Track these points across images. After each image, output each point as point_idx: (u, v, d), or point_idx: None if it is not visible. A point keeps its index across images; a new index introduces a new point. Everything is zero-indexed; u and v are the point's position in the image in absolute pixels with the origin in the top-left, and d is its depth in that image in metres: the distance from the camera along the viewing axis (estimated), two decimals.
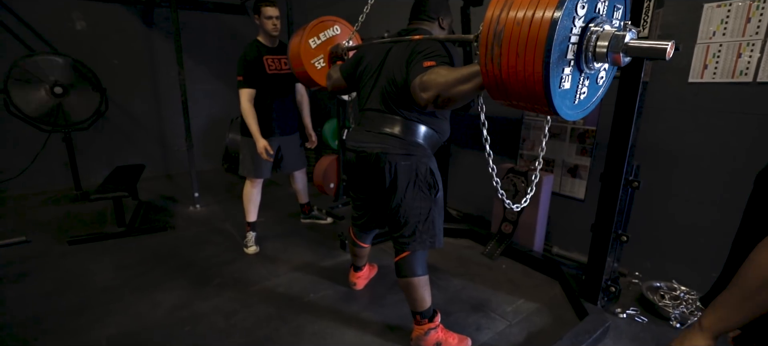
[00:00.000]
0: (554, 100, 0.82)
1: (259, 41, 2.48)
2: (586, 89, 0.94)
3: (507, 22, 0.81)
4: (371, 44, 1.61)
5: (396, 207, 1.52)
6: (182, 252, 2.61)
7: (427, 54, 1.31)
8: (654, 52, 0.79)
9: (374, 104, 1.54)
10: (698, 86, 1.97)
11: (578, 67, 0.86)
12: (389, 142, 1.47)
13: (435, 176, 1.53)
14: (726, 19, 1.85)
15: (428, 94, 1.18)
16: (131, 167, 3.44)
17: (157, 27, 4.23)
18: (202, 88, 4.54)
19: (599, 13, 0.84)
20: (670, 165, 2.11)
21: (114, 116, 4.13)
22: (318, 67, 1.98)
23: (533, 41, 0.77)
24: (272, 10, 2.39)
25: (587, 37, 0.83)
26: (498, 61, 0.84)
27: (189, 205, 3.48)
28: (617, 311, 1.95)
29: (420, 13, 1.57)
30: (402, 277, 1.60)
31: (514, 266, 2.44)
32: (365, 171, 1.55)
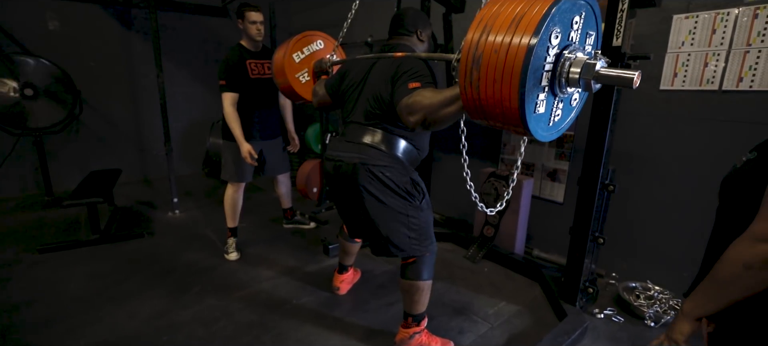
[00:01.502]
0: (529, 123, 0.87)
1: (242, 46, 2.45)
2: (561, 111, 0.99)
3: (485, 48, 0.85)
4: (355, 60, 1.63)
5: (375, 221, 1.51)
6: (160, 259, 2.54)
7: (412, 75, 1.33)
8: (622, 81, 0.84)
9: (357, 117, 1.54)
10: (669, 93, 2.06)
11: (552, 92, 0.90)
12: (368, 152, 1.47)
13: (417, 185, 1.54)
14: (693, 30, 1.94)
15: (415, 117, 1.22)
16: (107, 172, 3.34)
17: (135, 29, 4.13)
18: (181, 91, 4.45)
19: (572, 40, 0.89)
20: (643, 169, 2.19)
21: (89, 120, 4.00)
22: (302, 82, 1.99)
23: (510, 68, 0.81)
24: (256, 15, 2.37)
25: (561, 63, 0.87)
26: (477, 85, 0.88)
27: (168, 210, 3.39)
28: (595, 312, 2.00)
29: (399, 28, 1.60)
30: (407, 279, 1.60)
31: (495, 269, 2.48)
32: (343, 183, 1.54)
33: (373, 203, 1.48)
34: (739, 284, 0.70)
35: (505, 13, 0.85)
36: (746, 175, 0.77)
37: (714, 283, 0.75)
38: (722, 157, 2.10)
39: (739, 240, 0.70)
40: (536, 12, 0.80)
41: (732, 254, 0.71)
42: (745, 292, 0.70)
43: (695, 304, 0.80)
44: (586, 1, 0.89)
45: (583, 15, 0.89)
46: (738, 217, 0.76)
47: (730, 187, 0.83)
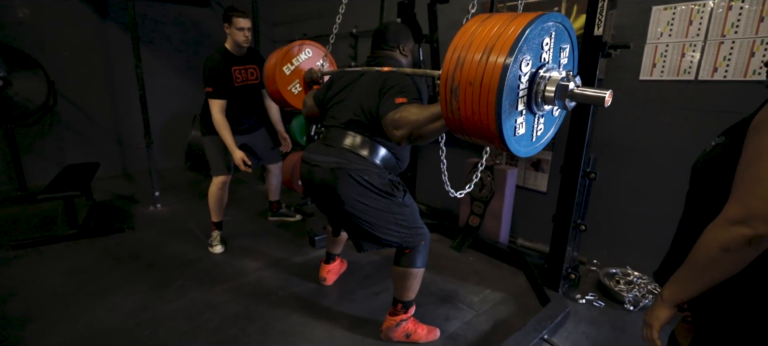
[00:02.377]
0: (511, 146, 0.90)
1: (227, 50, 2.38)
2: (543, 125, 1.02)
3: (461, 81, 0.88)
4: (343, 71, 1.66)
5: (357, 222, 1.51)
6: (142, 254, 2.48)
7: (398, 90, 1.36)
8: (595, 100, 0.89)
9: (338, 122, 1.55)
10: (648, 84, 2.11)
11: (530, 110, 0.93)
12: (346, 156, 1.47)
13: (395, 183, 1.54)
14: (671, 21, 1.99)
15: (401, 132, 1.24)
16: (84, 166, 3.23)
17: (112, 18, 3.99)
18: (161, 83, 4.33)
19: (545, 61, 0.91)
20: (623, 158, 2.24)
21: (65, 112, 3.86)
22: (295, 93, 2.02)
23: (485, 100, 0.84)
24: (244, 21, 2.31)
25: (536, 82, 0.89)
26: (457, 113, 0.91)
27: (149, 205, 3.31)
28: (577, 297, 2.05)
29: (382, 43, 1.63)
30: (400, 266, 1.61)
31: (480, 258, 2.51)
32: (321, 188, 1.53)
33: (355, 206, 1.47)
34: (717, 267, 0.71)
35: (476, 43, 0.87)
36: (716, 159, 0.78)
37: (691, 268, 0.76)
38: (698, 145, 2.16)
39: (714, 224, 0.71)
40: (504, 45, 0.83)
41: (708, 238, 0.72)
42: (722, 275, 0.71)
43: (674, 290, 0.81)
44: (554, 20, 0.90)
45: (553, 35, 0.91)
46: (710, 200, 0.77)
47: (701, 171, 0.84)
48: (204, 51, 4.57)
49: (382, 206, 1.49)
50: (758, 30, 1.76)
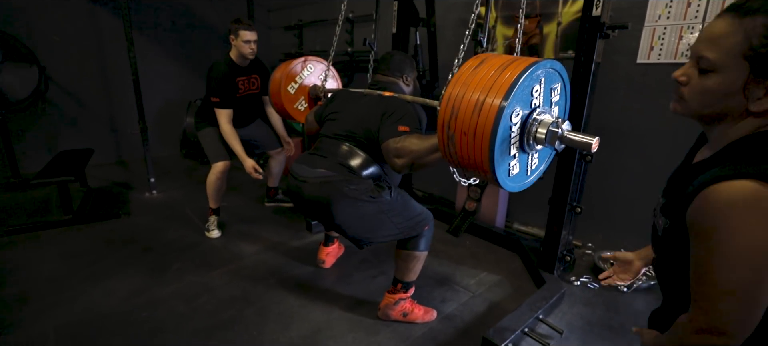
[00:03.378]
0: (505, 185, 0.97)
1: (232, 60, 2.39)
2: (537, 159, 1.06)
3: (456, 129, 0.93)
4: (346, 90, 1.71)
5: (353, 233, 1.53)
6: (138, 239, 2.47)
7: (401, 117, 1.41)
8: (582, 145, 0.96)
9: (334, 132, 1.56)
10: (646, 67, 2.10)
11: (523, 150, 0.97)
12: (336, 169, 1.48)
13: (380, 183, 1.53)
14: (670, 4, 1.98)
15: (403, 161, 1.30)
16: (78, 152, 3.20)
17: (102, 2, 3.91)
18: (154, 69, 4.26)
19: (536, 106, 0.95)
20: (619, 141, 2.25)
21: (56, 98, 3.81)
22: (301, 110, 2.11)
23: (479, 150, 0.90)
24: (250, 34, 2.31)
25: (528, 125, 0.95)
26: (455, 156, 0.97)
27: (145, 191, 3.29)
28: (572, 279, 2.08)
29: (386, 69, 1.68)
30: (405, 249, 1.62)
31: (477, 242, 2.52)
32: (310, 203, 1.52)
33: (347, 219, 1.48)
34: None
35: (468, 93, 0.92)
36: (667, 242, 0.74)
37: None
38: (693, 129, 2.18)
39: (685, 327, 0.68)
40: (495, 97, 0.87)
41: (681, 337, 0.69)
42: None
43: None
44: (543, 68, 0.94)
45: (542, 81, 0.96)
46: (678, 277, 0.72)
47: (658, 250, 0.81)
48: (196, 36, 4.50)
49: (372, 210, 1.49)
50: None
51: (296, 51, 4.43)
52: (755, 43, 0.58)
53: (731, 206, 0.57)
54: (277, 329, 1.68)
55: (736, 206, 0.56)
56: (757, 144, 0.62)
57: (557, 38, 2.41)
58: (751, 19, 0.58)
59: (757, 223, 0.56)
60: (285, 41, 4.67)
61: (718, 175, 0.59)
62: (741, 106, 0.63)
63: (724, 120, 0.66)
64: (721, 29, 0.61)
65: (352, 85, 3.82)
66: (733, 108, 0.64)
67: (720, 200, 0.58)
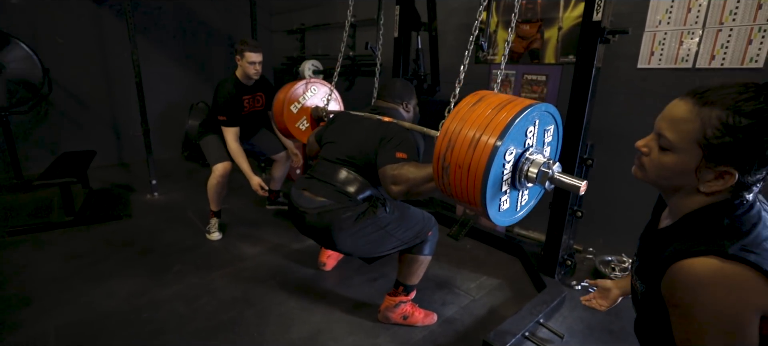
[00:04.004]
0: (495, 219, 1.01)
1: (238, 79, 2.44)
2: (527, 195, 1.10)
3: (451, 162, 0.96)
4: (346, 113, 1.74)
5: (356, 253, 1.57)
6: (139, 240, 2.48)
7: (399, 144, 1.43)
8: (572, 187, 0.99)
9: (334, 156, 1.58)
10: (646, 72, 2.11)
11: (514, 187, 1.01)
12: (334, 197, 1.50)
13: (375, 201, 1.54)
14: (670, 9, 1.99)
15: (399, 189, 1.32)
16: (80, 153, 3.21)
17: (107, 4, 3.95)
18: (157, 71, 4.29)
19: (529, 145, 0.99)
20: (620, 146, 2.25)
21: (59, 100, 3.83)
22: (303, 129, 2.16)
23: (472, 184, 0.93)
24: (256, 55, 2.36)
25: (521, 163, 0.99)
26: (449, 188, 1.01)
27: (146, 193, 3.30)
28: (573, 283, 2.07)
29: (387, 95, 1.71)
30: (408, 252, 1.63)
31: (477, 246, 2.52)
32: (312, 231, 1.56)
33: (348, 243, 1.51)
34: None
35: (466, 128, 0.96)
36: (646, 306, 0.79)
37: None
38: None
39: None
40: (492, 133, 0.91)
41: None
42: None
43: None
44: (539, 110, 0.98)
45: (537, 123, 0.99)
46: (658, 336, 0.78)
47: (638, 312, 0.87)
48: (199, 39, 4.53)
49: (372, 230, 1.51)
50: (756, 17, 1.77)
51: (298, 55, 4.45)
52: (709, 134, 0.65)
53: (698, 284, 0.64)
54: (278, 331, 1.68)
55: (702, 284, 0.63)
56: (707, 218, 0.70)
57: (558, 43, 2.43)
58: (709, 109, 0.65)
59: (722, 295, 0.62)
60: (287, 45, 4.70)
61: (682, 250, 0.66)
62: (693, 184, 0.70)
63: (677, 192, 0.74)
64: (681, 113, 0.68)
65: (354, 89, 3.83)
66: (686, 185, 0.71)
67: (687, 278, 0.65)
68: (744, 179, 0.66)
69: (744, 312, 0.62)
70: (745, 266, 0.61)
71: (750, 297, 0.62)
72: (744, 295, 0.62)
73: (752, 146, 0.62)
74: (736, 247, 0.63)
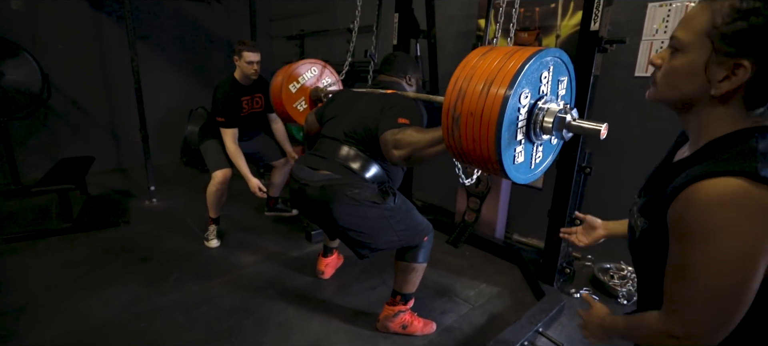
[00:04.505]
0: (510, 173, 0.93)
1: (236, 80, 2.44)
2: (541, 153, 1.04)
3: (462, 110, 0.90)
4: (346, 90, 1.70)
5: (354, 237, 1.51)
6: (137, 247, 2.47)
7: (401, 110, 1.38)
8: (590, 131, 0.92)
9: (335, 134, 1.55)
10: (643, 80, 2.12)
11: (529, 139, 0.95)
12: (337, 169, 1.46)
13: (385, 189, 1.52)
14: (667, 18, 2.01)
15: (401, 152, 1.26)
16: (79, 159, 3.21)
17: (106, 10, 3.96)
18: (157, 77, 4.29)
19: (544, 93, 0.93)
20: (618, 153, 2.26)
21: (58, 105, 3.83)
22: (300, 110, 2.09)
23: (485, 130, 0.87)
24: (253, 55, 2.37)
25: (535, 113, 0.92)
26: (459, 141, 0.94)
27: (145, 199, 3.30)
28: (572, 291, 2.07)
29: (389, 69, 1.66)
30: (402, 260, 1.62)
31: (476, 253, 2.52)
32: (312, 206, 1.52)
33: (349, 222, 1.47)
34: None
35: (477, 75, 0.90)
36: (644, 244, 0.72)
37: (633, 332, 0.76)
38: None
39: (654, 328, 0.67)
40: (504, 78, 0.86)
41: (650, 333, 0.69)
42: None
43: (613, 327, 0.84)
44: (552, 55, 0.93)
45: (551, 69, 0.94)
46: (653, 279, 0.71)
47: (635, 254, 0.79)
48: (200, 46, 4.54)
49: (374, 215, 1.48)
50: None
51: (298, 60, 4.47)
52: (718, 22, 0.57)
53: (717, 205, 0.54)
54: (276, 340, 1.67)
55: (723, 205, 0.54)
56: (738, 141, 0.60)
57: None
58: (722, 1, 0.58)
59: (744, 222, 0.53)
60: (287, 51, 4.71)
61: (703, 172, 0.56)
62: (705, 91, 0.61)
63: (692, 109, 0.65)
64: (694, 11, 0.62)
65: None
66: (698, 93, 0.62)
67: (705, 198, 0.55)
68: (761, 75, 0.56)
69: (763, 243, 0.53)
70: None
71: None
72: (766, 222, 0.53)
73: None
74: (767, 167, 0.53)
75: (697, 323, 0.60)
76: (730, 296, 0.57)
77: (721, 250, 0.55)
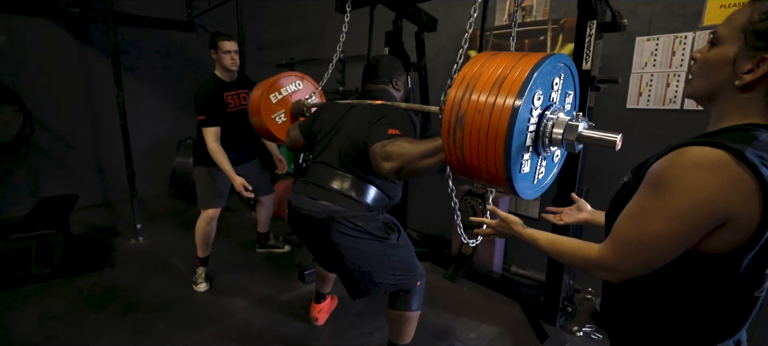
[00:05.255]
0: (516, 184, 0.85)
1: (217, 76, 2.34)
2: (544, 169, 0.99)
3: (468, 109, 0.83)
4: (332, 103, 1.60)
5: (352, 270, 1.44)
6: (121, 294, 2.36)
7: (391, 121, 1.30)
8: (604, 142, 0.86)
9: (327, 159, 1.48)
10: (635, 112, 2.13)
11: (536, 151, 0.90)
12: (337, 200, 1.40)
13: (389, 224, 1.48)
14: (655, 52, 2.02)
15: (391, 165, 1.17)
16: (61, 198, 3.09)
17: (94, 44, 3.90)
18: (145, 107, 4.22)
19: (553, 101, 0.89)
20: (613, 185, 2.24)
21: (42, 140, 3.72)
22: (279, 122, 1.94)
23: (494, 130, 0.80)
24: (230, 43, 2.27)
25: (543, 123, 0.86)
26: (460, 144, 0.86)
27: (130, 237, 3.18)
28: (574, 329, 2.02)
29: (374, 77, 1.58)
30: (395, 309, 1.55)
31: (475, 289, 2.46)
32: (312, 235, 1.46)
33: (348, 253, 1.41)
34: (575, 265, 0.80)
35: (488, 73, 0.85)
36: (624, 200, 0.75)
37: (555, 248, 0.84)
38: None
39: (590, 252, 0.75)
40: (519, 74, 0.80)
41: (580, 255, 0.77)
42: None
43: (533, 239, 0.93)
44: (564, 63, 0.90)
45: (562, 76, 0.91)
46: None
47: (611, 212, 0.82)
48: (189, 75, 4.49)
49: (375, 249, 1.43)
50: None
51: None
52: (755, 18, 0.61)
53: (696, 166, 0.59)
54: None
55: (700, 166, 0.58)
56: (743, 129, 0.63)
57: None
58: (764, 1, 0.61)
59: (712, 186, 0.58)
60: None
61: (696, 141, 0.61)
62: (730, 81, 0.65)
63: (718, 99, 0.68)
64: (739, 10, 0.65)
65: None
66: (724, 83, 0.66)
67: (687, 158, 0.60)
68: None
69: (718, 206, 0.58)
70: (752, 175, 0.56)
71: (733, 198, 0.57)
72: (732, 193, 0.57)
73: None
74: (754, 153, 0.57)
75: (630, 262, 0.67)
76: (665, 248, 0.63)
77: (683, 206, 0.60)
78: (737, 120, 0.65)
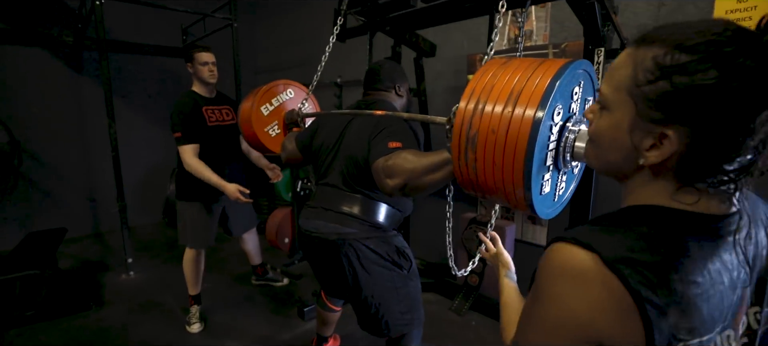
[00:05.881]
0: (537, 207, 0.78)
1: (195, 92, 2.21)
2: (564, 184, 0.91)
3: (480, 128, 0.75)
4: (330, 114, 1.51)
5: (364, 298, 1.36)
6: (110, 337, 2.22)
7: (392, 132, 1.21)
8: None
9: (333, 180, 1.39)
10: None
11: (556, 167, 0.82)
12: (348, 223, 1.32)
13: (402, 253, 1.40)
14: None
15: (395, 182, 1.09)
16: (48, 233, 2.97)
17: (87, 72, 3.84)
18: (139, 135, 4.14)
19: (573, 112, 0.81)
20: (616, 205, 2.17)
21: (30, 171, 3.61)
22: (272, 135, 1.83)
23: (511, 150, 0.72)
24: (207, 55, 2.16)
25: (564, 137, 0.78)
26: (473, 167, 0.78)
27: (121, 272, 3.04)
28: None
29: (375, 83, 1.48)
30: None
31: (483, 321, 2.35)
32: (324, 258, 1.39)
33: (360, 276, 1.33)
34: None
35: (500, 86, 0.76)
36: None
37: (502, 310, 0.81)
38: None
39: (509, 336, 0.71)
40: (537, 86, 0.72)
41: (506, 329, 0.75)
42: None
43: (500, 292, 0.88)
44: (584, 69, 0.82)
45: (582, 84, 0.83)
46: None
47: None
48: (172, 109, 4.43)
49: (385, 276, 1.35)
50: None
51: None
52: (640, 78, 0.47)
53: (559, 273, 0.48)
54: None
55: (563, 276, 0.48)
56: (638, 218, 0.50)
57: None
58: (645, 49, 0.47)
59: (575, 299, 0.46)
60: None
61: (570, 235, 0.49)
62: (633, 158, 0.51)
63: (625, 179, 0.55)
64: (618, 60, 0.51)
65: None
66: (626, 160, 0.52)
67: (554, 261, 0.49)
68: (696, 150, 0.45)
69: (583, 327, 0.46)
70: (623, 285, 0.43)
71: (601, 318, 0.45)
72: (598, 311, 0.45)
73: (697, 95, 0.42)
74: (632, 260, 0.44)
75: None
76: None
77: (549, 318, 0.50)
78: (643, 198, 0.52)
